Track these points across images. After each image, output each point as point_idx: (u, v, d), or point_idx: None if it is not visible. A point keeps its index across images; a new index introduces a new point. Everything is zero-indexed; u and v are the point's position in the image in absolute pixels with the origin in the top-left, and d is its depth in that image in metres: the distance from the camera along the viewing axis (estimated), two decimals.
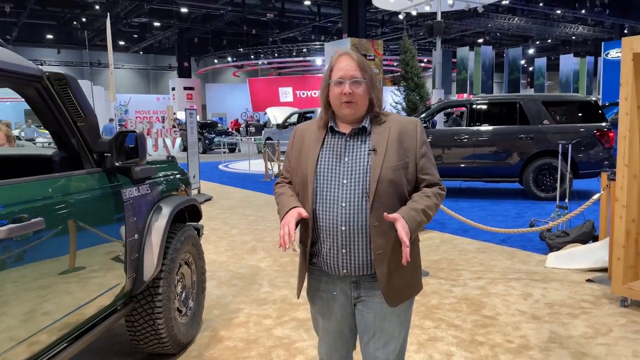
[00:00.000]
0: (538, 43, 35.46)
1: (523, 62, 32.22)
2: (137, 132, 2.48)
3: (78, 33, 32.72)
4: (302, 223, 1.82)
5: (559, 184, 6.63)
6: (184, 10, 29.43)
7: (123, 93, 38.88)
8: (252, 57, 39.80)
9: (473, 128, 8.49)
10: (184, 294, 3.34)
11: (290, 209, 1.78)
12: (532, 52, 36.25)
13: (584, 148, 7.99)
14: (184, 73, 39.21)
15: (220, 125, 26.27)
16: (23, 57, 2.20)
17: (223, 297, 4.20)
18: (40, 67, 2.32)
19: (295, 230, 1.74)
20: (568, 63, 29.20)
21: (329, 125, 1.84)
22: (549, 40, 34.50)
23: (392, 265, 1.76)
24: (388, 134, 1.79)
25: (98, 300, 2.44)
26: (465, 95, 26.39)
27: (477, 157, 8.38)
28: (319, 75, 39.67)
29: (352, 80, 1.76)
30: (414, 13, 16.90)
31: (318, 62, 37.90)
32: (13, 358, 1.89)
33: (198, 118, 34.83)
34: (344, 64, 1.78)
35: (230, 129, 29.89)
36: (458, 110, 18.65)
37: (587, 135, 8.03)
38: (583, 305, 3.84)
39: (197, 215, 3.63)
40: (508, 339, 3.29)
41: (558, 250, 5.07)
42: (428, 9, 15.86)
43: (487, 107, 8.75)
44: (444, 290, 4.21)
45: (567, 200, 5.95)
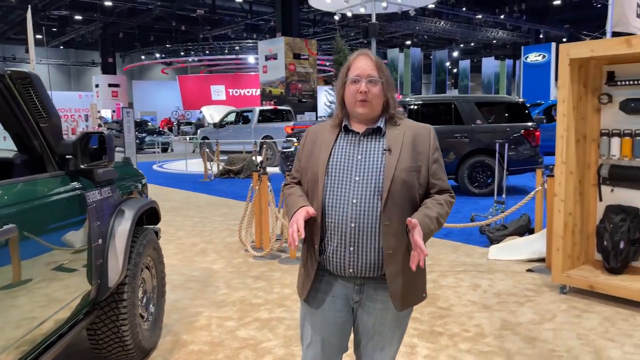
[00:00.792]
0: (462, 46, 37.16)
1: (448, 64, 33.62)
2: (105, 133, 2.39)
3: None
4: (309, 221, 1.78)
5: (497, 181, 7.02)
6: (108, 4, 28.18)
7: None
8: (181, 53, 38.77)
9: None
10: (145, 299, 3.24)
11: (299, 208, 1.76)
12: (456, 54, 37.90)
13: (514, 146, 8.50)
14: (109, 69, 37.55)
15: (151, 124, 25.42)
16: None
17: (179, 300, 4.11)
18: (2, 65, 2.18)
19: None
20: (490, 66, 30.86)
21: (343, 125, 1.83)
22: (472, 44, 36.26)
23: (401, 267, 1.75)
24: (403, 137, 1.79)
25: (64, 311, 2.33)
26: (395, 96, 27.23)
27: None
28: (252, 74, 39.30)
29: (368, 79, 1.76)
30: (349, 14, 17.18)
31: (251, 60, 37.54)
32: None
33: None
34: (362, 63, 1.78)
35: (161, 128, 28.97)
36: None
37: (515, 134, 8.56)
38: (527, 294, 4.11)
39: (155, 218, 3.54)
40: (464, 328, 3.47)
41: (498, 243, 5.39)
42: (363, 11, 16.21)
43: (424, 107, 9.09)
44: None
45: (504, 196, 6.32)
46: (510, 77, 31.75)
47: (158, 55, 40.23)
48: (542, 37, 32.18)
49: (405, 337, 3.32)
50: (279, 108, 16.51)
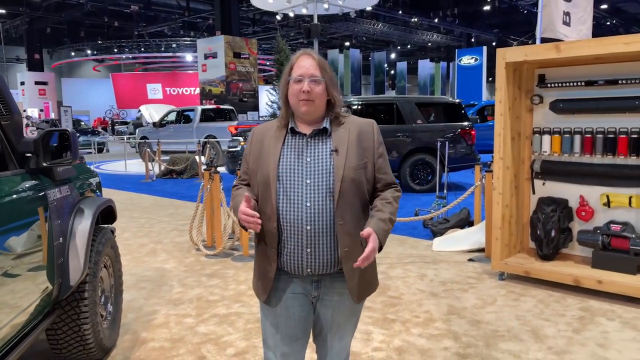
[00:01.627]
0: (399, 48, 38.19)
1: (386, 65, 34.50)
2: (68, 131, 2.39)
3: None
4: (262, 223, 1.79)
5: (438, 177, 7.38)
6: None
7: None
8: (115, 50, 37.38)
9: None
10: (104, 298, 3.23)
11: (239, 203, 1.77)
12: (394, 56, 38.93)
13: (452, 145, 8.94)
14: (35, 66, 35.59)
15: (85, 124, 24.41)
16: None
17: (134, 300, 4.08)
18: None
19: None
20: (425, 67, 31.96)
21: (290, 127, 1.84)
22: (409, 46, 37.34)
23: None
24: (348, 135, 1.82)
25: (26, 311, 2.31)
26: (340, 95, 27.61)
27: None
28: (190, 72, 38.57)
29: (311, 79, 1.77)
30: (292, 15, 17.31)
31: (188, 58, 36.81)
32: None
33: (53, 115, 31.96)
34: (304, 63, 1.79)
35: (95, 128, 27.86)
36: None
37: (453, 134, 9.00)
38: (469, 281, 4.40)
39: (110, 217, 3.51)
40: (415, 315, 3.69)
41: (441, 236, 5.70)
42: (305, 12, 16.36)
43: (367, 107, 9.36)
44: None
45: (445, 191, 6.67)
46: (445, 78, 33.03)
47: (89, 52, 38.56)
48: (473, 40, 33.67)
49: (361, 324, 3.50)
50: (222, 107, 16.37)
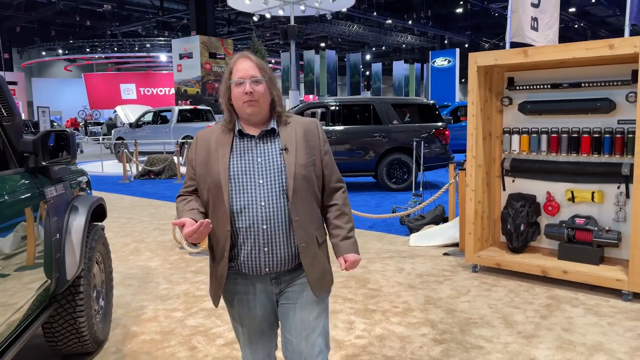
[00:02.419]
0: (374, 49, 38.61)
1: (361, 66, 34.87)
2: (67, 131, 2.50)
3: None
4: (214, 229, 1.82)
5: (414, 176, 7.62)
6: None
7: None
8: (87, 50, 36.84)
9: (334, 127, 9.24)
10: (95, 293, 3.33)
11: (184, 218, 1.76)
12: (369, 57, 39.33)
13: (427, 144, 9.21)
14: (5, 66, 34.83)
15: (57, 124, 24.03)
16: None
17: (122, 296, 4.18)
18: None
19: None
20: (400, 69, 32.39)
21: (237, 129, 1.84)
22: (383, 47, 37.78)
23: (312, 257, 1.87)
24: (295, 134, 1.86)
25: (30, 304, 2.42)
26: (312, 97, 27.83)
27: (337, 154, 9.13)
28: (164, 72, 38.26)
29: (252, 80, 1.78)
30: (268, 16, 17.43)
31: (163, 58, 36.52)
32: None
33: (23, 116, 31.29)
34: (243, 65, 1.81)
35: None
36: (310, 112, 19.65)
37: (428, 134, 9.27)
38: (445, 274, 4.63)
39: (101, 215, 3.61)
40: (394, 305, 3.89)
41: (417, 231, 5.92)
42: (282, 13, 16.50)
43: (345, 108, 9.56)
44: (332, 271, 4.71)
45: (421, 189, 6.91)
46: (419, 79, 33.52)
47: (61, 52, 37.91)
48: (446, 42, 34.30)
49: (343, 315, 3.68)
50: (199, 108, 16.37)
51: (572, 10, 26.70)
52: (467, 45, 33.79)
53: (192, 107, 16.69)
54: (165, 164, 12.10)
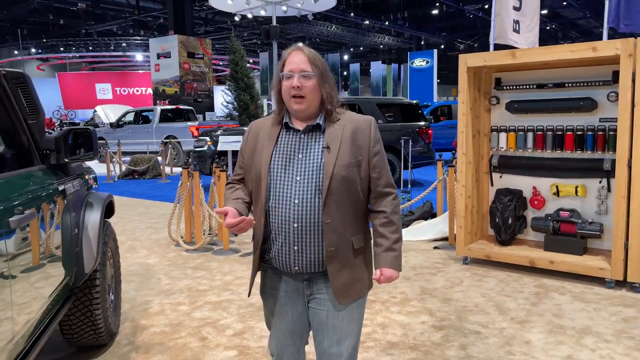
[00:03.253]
0: (352, 50, 38.91)
1: (339, 66, 35.07)
2: (90, 129, 2.60)
3: None
4: (255, 220, 1.83)
5: (402, 174, 7.82)
6: None
7: None
8: (61, 49, 36.22)
9: None
10: (107, 287, 3.41)
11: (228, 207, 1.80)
12: (347, 58, 39.61)
13: (411, 143, 9.43)
14: None
15: None
16: None
17: (126, 292, 4.25)
18: None
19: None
20: (377, 69, 32.69)
21: (284, 122, 1.83)
22: (361, 48, 38.10)
23: (342, 263, 1.78)
24: (342, 132, 1.79)
25: (55, 297, 2.50)
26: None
27: None
28: (141, 72, 37.80)
29: (301, 74, 1.74)
30: (250, 16, 17.46)
31: (139, 57, 36.13)
32: None
33: None
34: (295, 58, 1.77)
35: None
36: None
37: (412, 133, 9.50)
38: (437, 266, 4.83)
39: (109, 212, 3.68)
40: (392, 296, 4.06)
41: (407, 227, 6.12)
42: (263, 13, 16.57)
43: None
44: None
45: (409, 187, 7.12)
46: (396, 80, 33.90)
47: (34, 51, 37.16)
48: (423, 43, 34.78)
49: None
50: (181, 108, 16.34)
51: (544, 12, 27.40)
52: (443, 46, 34.33)
53: (174, 106, 16.64)
54: (150, 164, 12.07)
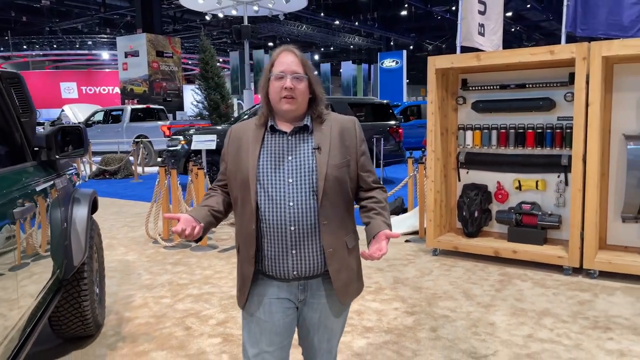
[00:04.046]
0: (322, 50, 39.17)
1: None
2: (81, 127, 2.71)
3: None
4: (240, 227, 1.78)
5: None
6: None
7: None
8: (24, 47, 35.32)
9: None
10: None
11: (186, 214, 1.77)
12: (317, 58, 39.84)
13: (382, 142, 9.70)
14: None
15: None
16: None
17: (107, 287, 4.32)
18: None
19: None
20: (348, 69, 33.03)
21: (269, 125, 1.78)
22: (332, 48, 38.41)
23: (341, 263, 1.78)
24: (330, 133, 1.77)
25: (47, 289, 2.61)
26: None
27: None
28: (107, 70, 37.19)
29: (293, 76, 1.71)
30: (221, 16, 17.49)
31: (105, 56, 35.57)
32: None
33: None
34: (286, 59, 1.74)
35: None
36: None
37: (383, 132, 9.77)
38: (408, 257, 5.07)
39: (93, 207, 3.78)
40: (367, 285, 4.27)
41: None
42: (235, 13, 16.62)
43: None
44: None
45: (381, 183, 7.35)
46: (367, 80, 34.32)
47: None
48: (392, 44, 35.31)
49: None
50: (152, 107, 16.25)
51: (508, 15, 28.21)
52: (411, 47, 34.93)
53: (144, 106, 16.54)
54: (121, 164, 12.01)
